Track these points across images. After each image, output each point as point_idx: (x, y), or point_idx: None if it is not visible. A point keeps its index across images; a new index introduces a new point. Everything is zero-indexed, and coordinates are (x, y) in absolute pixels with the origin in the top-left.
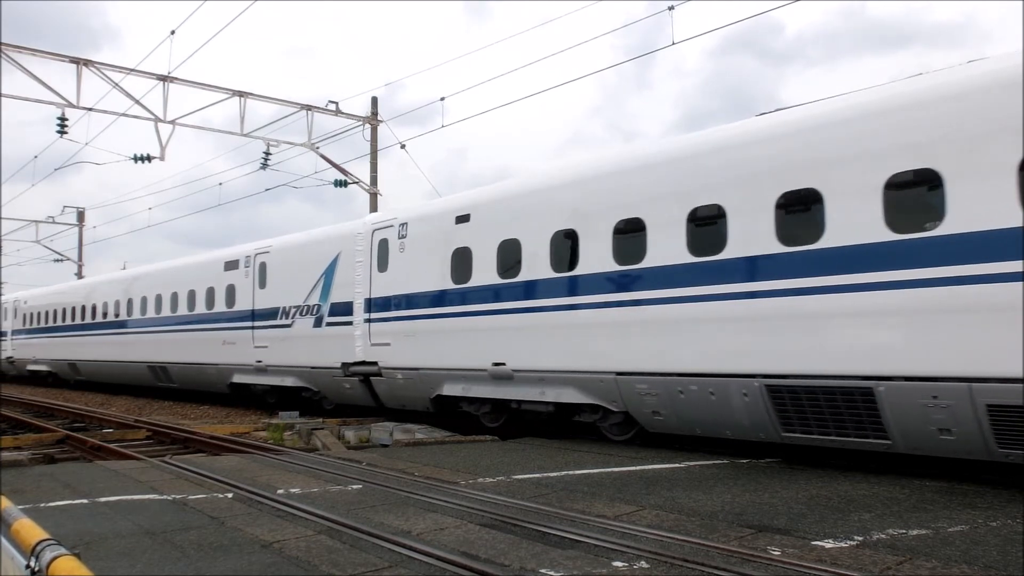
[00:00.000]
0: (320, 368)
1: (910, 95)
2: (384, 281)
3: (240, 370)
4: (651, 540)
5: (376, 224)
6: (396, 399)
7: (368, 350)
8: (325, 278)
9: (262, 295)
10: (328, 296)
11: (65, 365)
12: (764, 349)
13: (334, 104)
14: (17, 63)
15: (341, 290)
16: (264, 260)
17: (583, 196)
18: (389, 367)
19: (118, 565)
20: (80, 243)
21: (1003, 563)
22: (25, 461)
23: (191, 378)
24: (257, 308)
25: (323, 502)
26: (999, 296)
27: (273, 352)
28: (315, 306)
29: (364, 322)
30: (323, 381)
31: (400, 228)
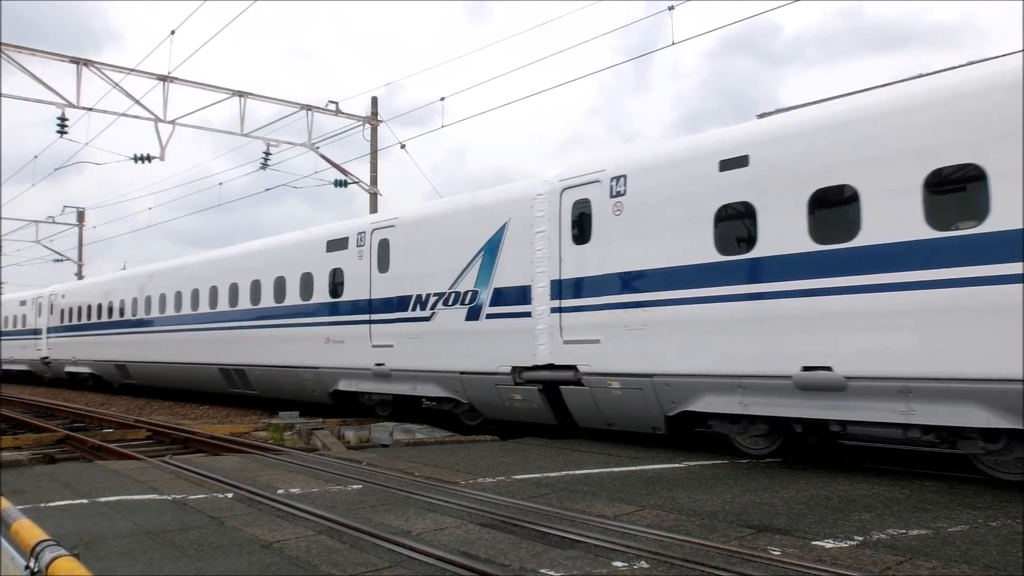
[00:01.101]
0: (476, 373)
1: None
2: (587, 256)
3: (350, 375)
4: (651, 540)
5: (569, 181)
6: (602, 416)
7: (559, 349)
8: (484, 256)
9: (383, 281)
10: (489, 280)
11: (111, 367)
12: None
13: (334, 104)
14: (17, 63)
15: (510, 271)
16: (386, 237)
17: None
18: (595, 372)
19: (118, 565)
20: (80, 243)
21: (1003, 563)
22: (25, 461)
23: (278, 384)
24: (376, 297)
25: (323, 502)
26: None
27: (401, 353)
28: (468, 293)
29: (551, 312)
30: (478, 390)
31: (614, 184)
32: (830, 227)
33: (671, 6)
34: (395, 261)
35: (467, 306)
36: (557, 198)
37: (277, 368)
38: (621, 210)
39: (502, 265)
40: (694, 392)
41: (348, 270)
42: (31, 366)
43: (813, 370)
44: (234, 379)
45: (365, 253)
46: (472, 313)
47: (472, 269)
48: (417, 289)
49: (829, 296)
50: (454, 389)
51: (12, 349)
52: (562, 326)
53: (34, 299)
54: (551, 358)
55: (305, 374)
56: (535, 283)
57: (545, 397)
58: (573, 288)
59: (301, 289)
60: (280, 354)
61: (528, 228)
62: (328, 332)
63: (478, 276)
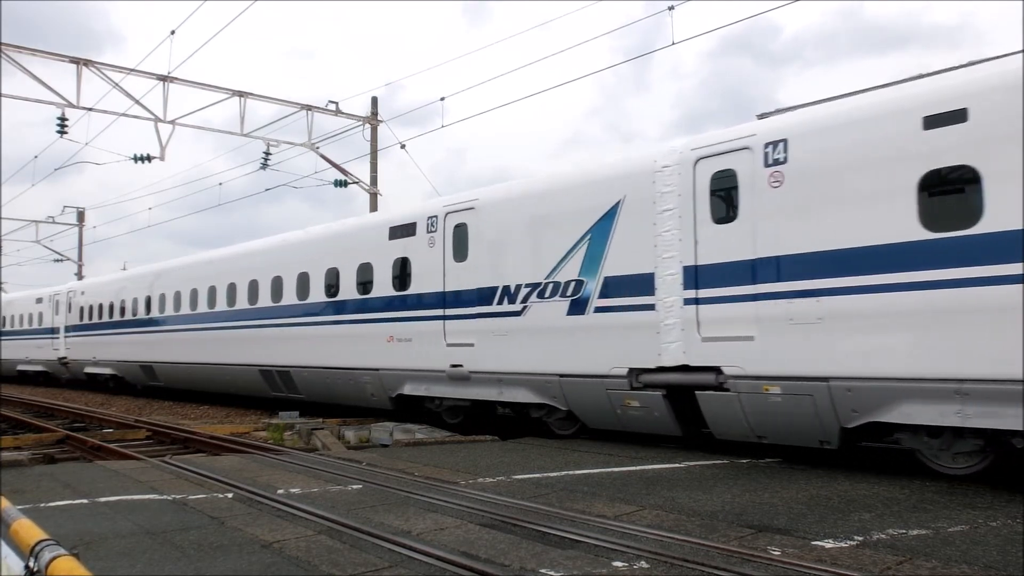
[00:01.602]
0: (580, 377)
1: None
2: (734, 237)
3: (418, 377)
4: (651, 540)
5: (706, 149)
6: (750, 427)
7: (695, 348)
8: (591, 241)
9: (461, 271)
10: (598, 267)
11: (136, 368)
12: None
13: (334, 104)
14: (17, 63)
15: (626, 257)
16: (463, 221)
17: None
18: (747, 375)
19: (118, 565)
20: (80, 243)
21: (1003, 563)
22: (25, 461)
23: (329, 388)
24: (452, 290)
25: (323, 502)
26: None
27: (483, 352)
28: (570, 283)
29: (684, 304)
30: (582, 396)
31: (770, 151)
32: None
33: (671, 6)
34: (475, 248)
35: (569, 298)
36: (690, 170)
37: (329, 370)
38: (781, 181)
39: (615, 250)
40: (888, 399)
41: (416, 260)
42: (48, 367)
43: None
44: (277, 382)
45: (437, 240)
46: (576, 306)
47: (575, 256)
48: (504, 280)
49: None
50: (551, 394)
51: (28, 349)
52: (699, 320)
53: (51, 296)
54: (684, 358)
55: (363, 376)
56: (660, 270)
57: (668, 404)
58: (715, 275)
59: (358, 282)
60: (332, 354)
61: (649, 206)
62: (392, 329)
63: (583, 263)
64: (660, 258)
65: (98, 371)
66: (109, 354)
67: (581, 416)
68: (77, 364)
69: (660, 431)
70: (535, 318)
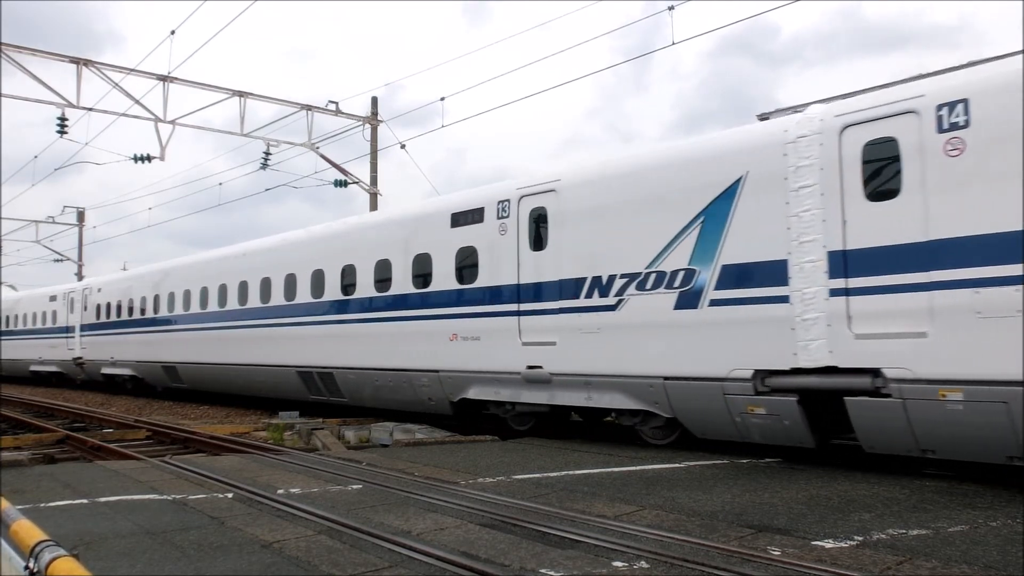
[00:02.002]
0: (689, 379)
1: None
2: (894, 216)
3: (486, 379)
4: (651, 540)
5: (853, 116)
6: (915, 439)
7: (845, 346)
8: (704, 224)
9: (539, 261)
10: (713, 255)
11: (158, 369)
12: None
13: (334, 104)
14: (17, 63)
15: (749, 242)
16: (541, 205)
17: None
18: (919, 378)
19: (118, 565)
20: (80, 243)
21: (1003, 563)
22: (25, 461)
23: (378, 390)
24: (529, 282)
25: (323, 502)
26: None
27: (567, 352)
28: (678, 273)
29: (830, 296)
30: (692, 401)
31: (944, 114)
32: None
33: (671, 6)
34: (557, 235)
35: (677, 290)
36: (834, 139)
37: (379, 371)
38: (962, 149)
39: (735, 234)
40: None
41: (484, 249)
42: (62, 367)
43: None
44: (317, 384)
45: (510, 227)
46: (686, 299)
47: (684, 242)
48: (593, 270)
49: None
50: (652, 399)
51: (41, 349)
52: (851, 314)
53: (66, 294)
54: (830, 358)
55: (420, 379)
56: (796, 256)
57: (803, 410)
58: (872, 261)
59: (415, 275)
60: (383, 354)
61: (779, 183)
62: (456, 327)
63: (695, 250)
64: (796, 243)
65: (116, 372)
66: (128, 354)
67: (688, 424)
68: (93, 365)
69: (788, 442)
70: (633, 313)
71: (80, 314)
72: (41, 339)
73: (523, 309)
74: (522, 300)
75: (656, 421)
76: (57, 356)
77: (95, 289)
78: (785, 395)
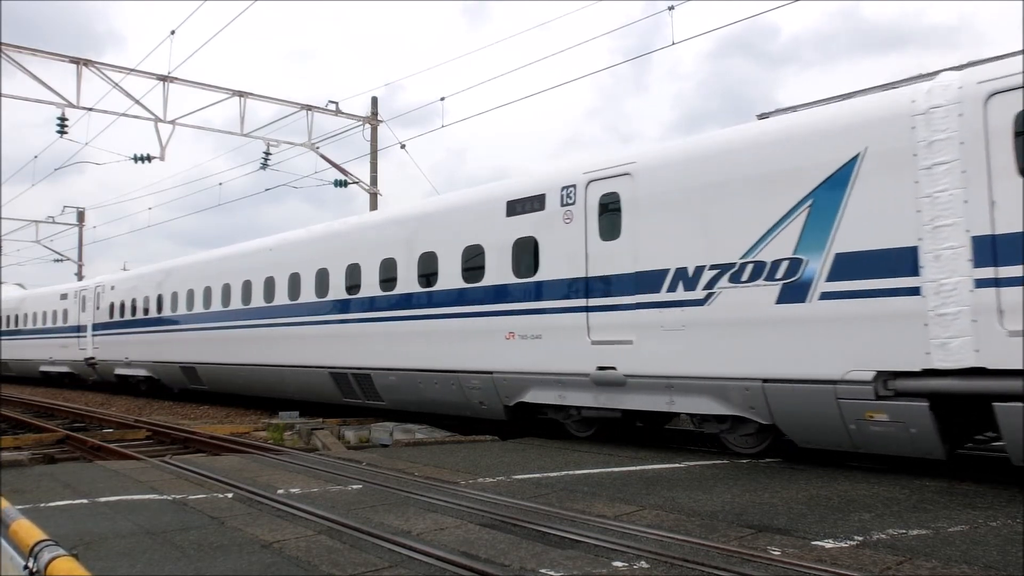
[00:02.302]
0: (794, 382)
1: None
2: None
3: (548, 382)
4: (651, 540)
5: (1004, 81)
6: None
7: (996, 346)
8: (813, 208)
9: (611, 252)
10: (824, 242)
11: (175, 370)
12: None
13: (334, 104)
14: (17, 63)
15: (870, 228)
16: (613, 190)
17: None
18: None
19: (118, 565)
20: (80, 243)
21: (1003, 563)
22: (25, 461)
23: (419, 393)
24: (598, 275)
25: (323, 502)
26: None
27: (646, 351)
28: (781, 263)
29: (976, 287)
30: (796, 406)
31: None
32: None
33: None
34: (632, 223)
35: (780, 282)
36: (977, 109)
37: (423, 372)
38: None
39: (852, 219)
40: None
41: (546, 239)
42: (73, 368)
43: None
44: (352, 386)
45: (576, 214)
46: (791, 292)
47: (788, 228)
48: (677, 261)
49: None
50: (747, 404)
51: (51, 348)
52: (1002, 308)
53: (77, 292)
54: (975, 359)
55: (471, 381)
56: (929, 243)
57: (935, 418)
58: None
59: (464, 268)
60: (427, 355)
61: (907, 160)
62: (513, 324)
63: (802, 238)
64: (929, 227)
65: (130, 373)
66: (144, 354)
67: (790, 431)
68: (106, 365)
69: (912, 453)
70: (726, 307)
71: (92, 313)
72: (51, 339)
73: (592, 305)
74: (591, 295)
75: (746, 428)
76: (68, 356)
77: (108, 287)
78: (914, 400)
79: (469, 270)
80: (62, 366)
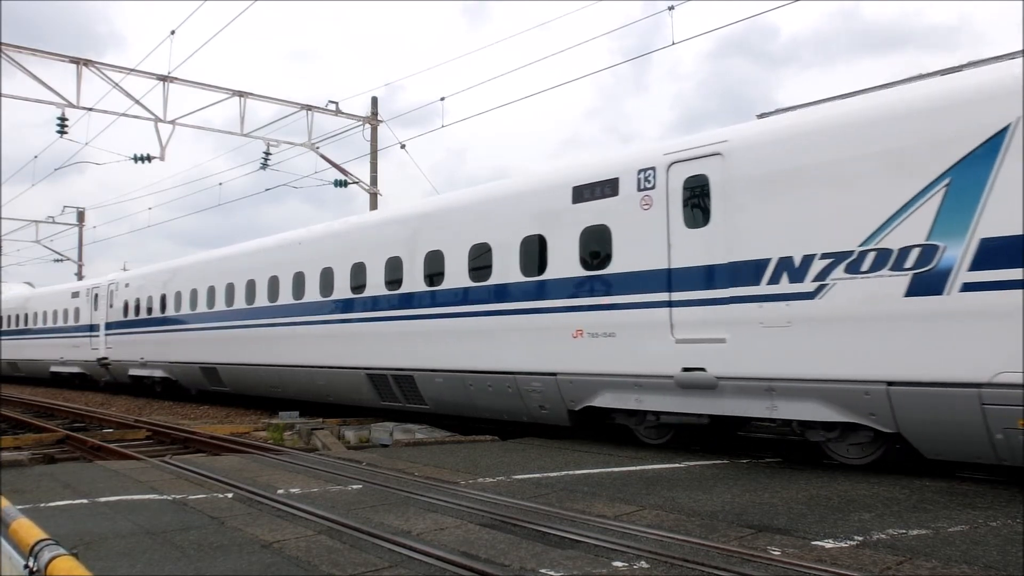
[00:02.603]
0: (928, 385)
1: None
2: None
3: (623, 384)
4: (651, 540)
5: None
6: None
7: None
8: (952, 188)
9: (697, 241)
10: (967, 225)
11: (195, 371)
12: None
13: (334, 104)
14: (17, 63)
15: None
16: (700, 173)
17: None
18: None
19: (118, 565)
20: (80, 243)
21: (1003, 563)
22: (25, 461)
23: (469, 397)
24: (683, 266)
25: (323, 502)
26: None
27: (743, 350)
28: (910, 250)
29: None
30: (929, 413)
31: None
32: None
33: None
34: (724, 208)
35: (909, 272)
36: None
37: (475, 374)
38: None
39: (1001, 199)
40: None
41: (621, 227)
42: (85, 368)
43: None
44: (391, 389)
45: (657, 200)
46: (924, 283)
47: (920, 211)
48: (780, 250)
49: None
50: (866, 410)
51: (62, 348)
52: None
53: (89, 289)
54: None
55: (531, 383)
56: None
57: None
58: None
59: (524, 261)
60: (480, 355)
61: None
62: (581, 321)
63: (937, 221)
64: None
65: (146, 374)
66: (161, 354)
67: (918, 441)
68: (120, 365)
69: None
70: (842, 301)
71: (105, 311)
72: (62, 338)
73: (676, 299)
74: (675, 288)
75: (859, 436)
76: (80, 356)
77: (122, 284)
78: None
79: (531, 262)
80: (73, 366)
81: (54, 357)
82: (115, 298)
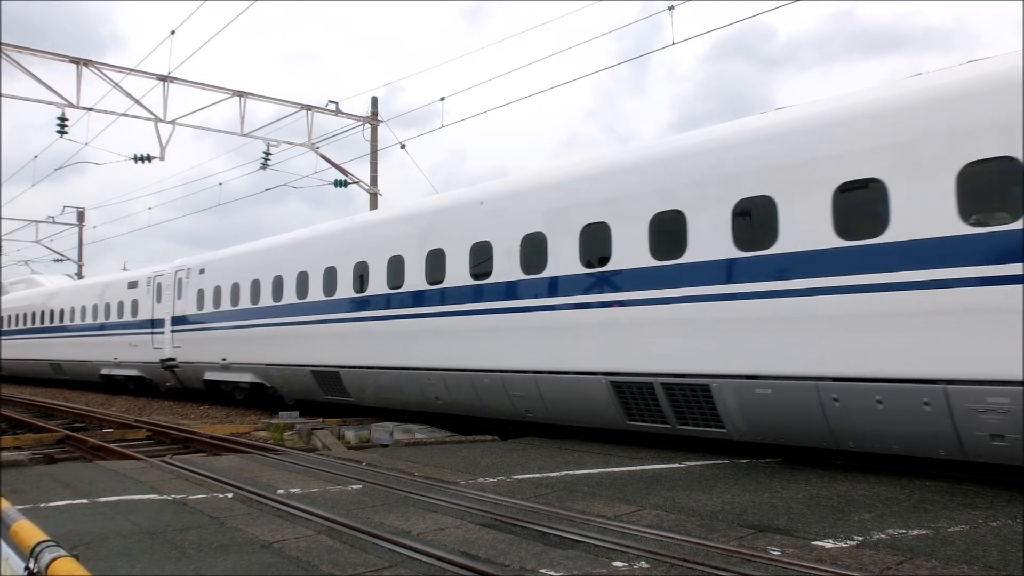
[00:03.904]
0: None
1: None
2: None
3: None
4: (651, 540)
5: None
6: None
7: None
8: None
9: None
10: None
11: (304, 375)
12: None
13: (334, 104)
14: (18, 63)
15: None
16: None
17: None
18: None
19: (118, 565)
20: (80, 243)
21: (1003, 563)
22: (25, 461)
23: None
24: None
25: (323, 502)
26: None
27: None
28: None
29: None
30: None
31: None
32: None
33: (671, 6)
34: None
35: None
36: None
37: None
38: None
39: None
40: None
41: None
42: (145, 371)
43: None
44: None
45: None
46: None
47: None
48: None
49: None
50: None
51: (117, 348)
52: None
53: (151, 278)
54: None
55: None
56: None
57: None
58: None
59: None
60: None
61: None
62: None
63: None
64: None
65: (227, 378)
66: (250, 354)
67: None
68: (191, 368)
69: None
70: None
71: (172, 303)
72: (116, 335)
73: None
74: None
75: None
76: (139, 357)
77: (196, 270)
78: None
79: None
80: (130, 369)
81: (107, 358)
82: (185, 287)
